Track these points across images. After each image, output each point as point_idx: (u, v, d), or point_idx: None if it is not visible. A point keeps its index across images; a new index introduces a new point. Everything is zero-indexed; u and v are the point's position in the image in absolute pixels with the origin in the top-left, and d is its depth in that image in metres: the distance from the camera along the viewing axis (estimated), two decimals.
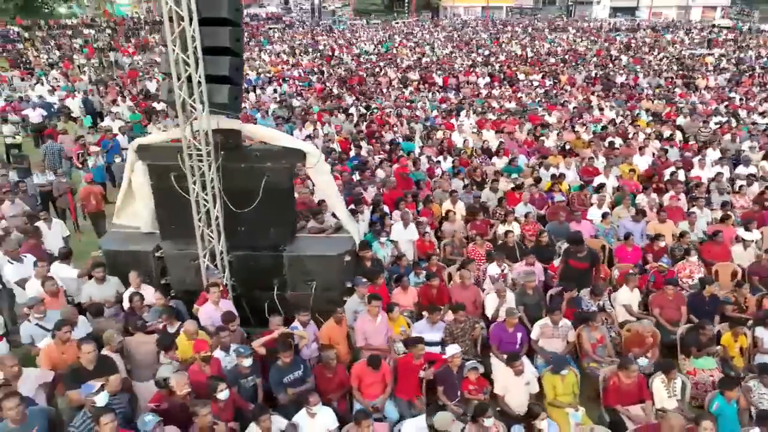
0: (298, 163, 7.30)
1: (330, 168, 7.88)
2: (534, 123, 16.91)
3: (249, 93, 20.32)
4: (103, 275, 7.09)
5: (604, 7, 68.50)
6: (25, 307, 6.30)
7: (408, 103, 19.58)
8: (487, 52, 34.27)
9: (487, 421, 5.16)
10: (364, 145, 13.50)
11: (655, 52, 33.84)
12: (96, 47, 35.25)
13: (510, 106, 19.71)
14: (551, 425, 5.35)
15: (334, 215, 8.13)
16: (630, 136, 15.16)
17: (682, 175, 12.02)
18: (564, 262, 8.28)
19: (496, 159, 13.58)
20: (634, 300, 7.66)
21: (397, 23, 60.58)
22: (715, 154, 13.64)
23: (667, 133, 15.63)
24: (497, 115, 17.92)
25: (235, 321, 6.30)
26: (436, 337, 6.92)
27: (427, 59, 31.80)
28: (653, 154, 13.67)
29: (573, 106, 19.51)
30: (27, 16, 45.49)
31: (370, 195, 10.28)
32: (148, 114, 17.34)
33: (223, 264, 7.14)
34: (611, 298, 7.70)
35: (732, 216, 9.90)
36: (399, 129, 15.99)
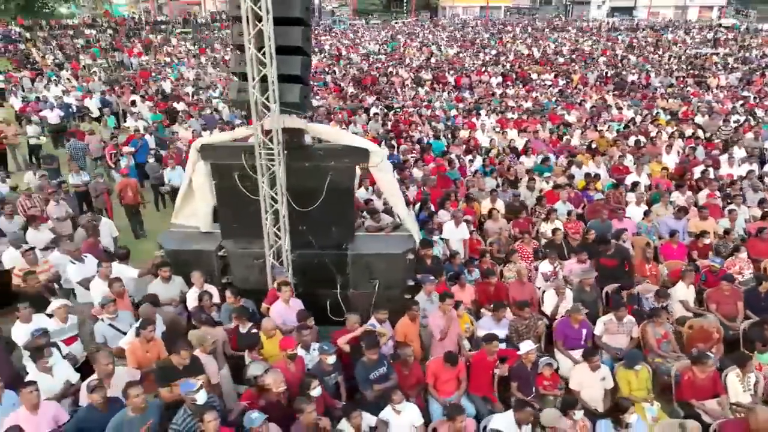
0: (361, 162, 7.32)
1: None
2: (554, 122, 17.05)
3: None
4: (169, 275, 7.12)
5: (602, 6, 68.83)
6: (98, 307, 6.30)
7: (426, 103, 19.64)
8: (494, 52, 34.40)
9: (578, 414, 5.22)
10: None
11: (660, 51, 34.07)
12: (103, 47, 35.17)
13: (527, 105, 19.82)
14: (638, 420, 5.41)
15: (389, 213, 8.17)
16: (653, 135, 15.28)
17: (711, 173, 12.16)
18: (595, 261, 8.40)
19: (524, 158, 13.67)
20: (690, 296, 7.76)
21: (397, 23, 60.66)
22: (740, 152, 13.79)
23: (689, 131, 15.79)
24: (518, 114, 17.99)
25: (311, 319, 6.32)
26: (501, 333, 6.96)
27: (435, 59, 31.88)
28: (678, 153, 13.82)
29: (590, 105, 19.66)
30: (28, 16, 45.20)
31: (412, 194, 10.32)
32: (169, 114, 17.32)
33: (287, 263, 7.17)
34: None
35: None
36: (422, 128, 16.05)
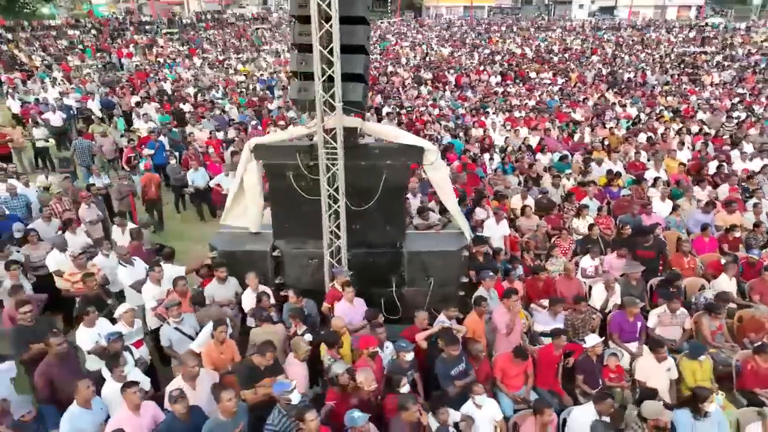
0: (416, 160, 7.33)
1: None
2: (562, 120, 17.27)
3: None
4: (225, 275, 7.07)
5: (584, 6, 69.69)
6: (164, 309, 6.23)
7: (432, 102, 19.73)
8: (488, 51, 34.64)
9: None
10: None
11: (648, 50, 34.65)
12: (97, 48, 34.60)
13: (531, 104, 20.02)
14: (717, 409, 5.53)
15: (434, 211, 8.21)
16: (661, 131, 15.56)
17: (725, 168, 12.44)
18: (632, 252, 8.57)
19: (540, 155, 13.82)
20: (732, 288, 7.93)
21: (382, 23, 60.70)
22: (748, 147, 14.14)
23: (695, 128, 16.12)
24: (525, 112, 18.18)
25: (380, 317, 6.34)
26: (558, 327, 7.06)
27: (429, 58, 31.99)
28: (688, 149, 14.11)
29: (592, 103, 19.95)
30: (9, 16, 44.20)
31: None
32: (176, 115, 17.12)
33: (344, 262, 7.17)
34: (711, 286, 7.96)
35: None
36: (434, 127, 16.12)
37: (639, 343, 7.00)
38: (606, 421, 5.23)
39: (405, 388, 5.18)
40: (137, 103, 17.87)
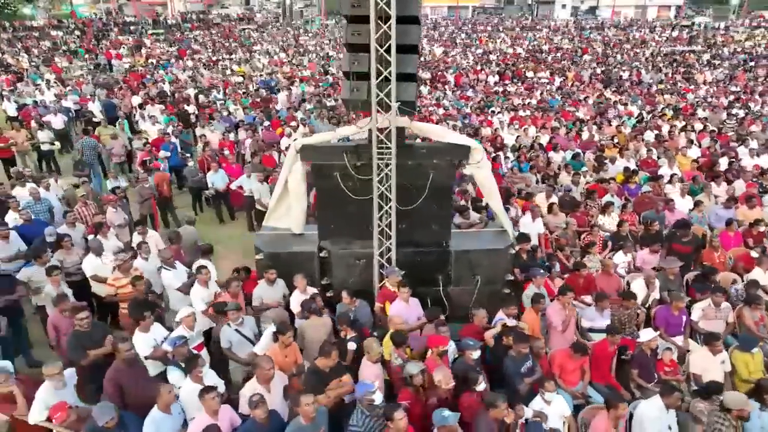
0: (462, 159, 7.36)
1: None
2: (568, 119, 17.46)
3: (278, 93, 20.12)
4: (275, 277, 7.01)
5: (566, 6, 70.50)
6: (228, 312, 6.17)
7: (435, 101, 19.80)
8: (480, 51, 34.85)
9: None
10: None
11: (637, 49, 35.18)
12: (73, 50, 34.02)
13: (533, 103, 20.19)
14: None
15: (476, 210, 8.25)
16: (666, 129, 15.82)
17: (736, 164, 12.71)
18: (668, 246, 8.72)
19: (552, 154, 13.95)
20: (766, 281, 8.11)
21: None
22: (753, 144, 14.45)
23: (698, 126, 16.42)
24: (530, 111, 18.34)
25: (440, 316, 6.35)
26: (604, 323, 7.15)
27: (424, 58, 32.05)
28: (696, 146, 14.38)
29: (591, 102, 20.20)
30: None
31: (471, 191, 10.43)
32: (181, 117, 16.91)
33: (392, 262, 7.17)
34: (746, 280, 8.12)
35: None
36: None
37: (684, 337, 7.14)
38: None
39: (481, 386, 5.21)
40: (140, 105, 17.61)
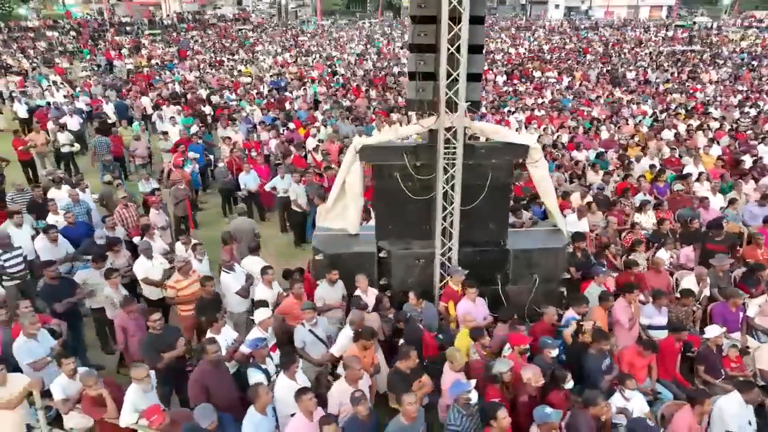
0: (520, 158, 7.39)
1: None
2: (584, 118, 17.57)
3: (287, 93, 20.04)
4: (336, 278, 7.00)
5: (559, 6, 70.93)
6: (304, 312, 6.16)
7: None
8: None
9: None
10: None
11: (637, 48, 35.50)
12: (73, 50, 33.73)
13: (546, 102, 20.30)
14: None
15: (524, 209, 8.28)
16: (683, 128, 15.97)
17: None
18: (702, 245, 8.81)
19: (576, 153, 14.03)
20: None
21: (364, 23, 60.74)
22: None
23: (714, 124, 16.59)
24: (545, 111, 18.43)
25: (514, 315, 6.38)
26: (662, 320, 7.22)
27: None
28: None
29: (603, 101, 20.35)
30: None
31: None
32: (199, 118, 16.81)
33: (453, 261, 7.18)
34: None
35: None
36: None
37: (741, 334, 7.22)
38: None
39: (569, 384, 5.24)
40: (155, 106, 17.48)
